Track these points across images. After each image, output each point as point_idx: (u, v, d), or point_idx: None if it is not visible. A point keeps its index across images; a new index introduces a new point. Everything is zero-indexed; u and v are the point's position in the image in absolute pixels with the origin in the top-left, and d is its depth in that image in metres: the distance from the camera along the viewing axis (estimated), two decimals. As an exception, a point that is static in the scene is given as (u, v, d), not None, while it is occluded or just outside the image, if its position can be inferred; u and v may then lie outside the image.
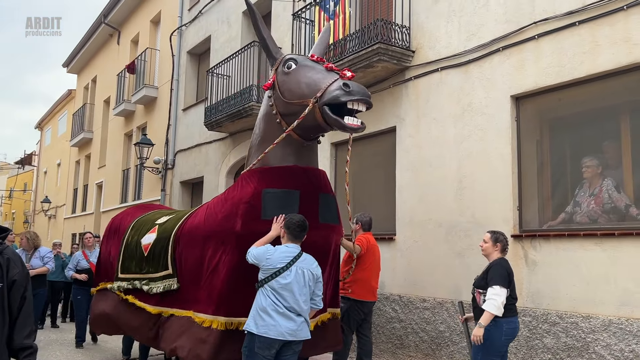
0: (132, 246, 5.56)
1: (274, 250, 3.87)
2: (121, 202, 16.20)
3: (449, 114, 6.28)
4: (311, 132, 4.23)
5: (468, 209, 5.94)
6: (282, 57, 4.45)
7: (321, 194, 4.38)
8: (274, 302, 3.73)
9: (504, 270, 4.22)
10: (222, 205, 4.43)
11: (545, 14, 5.41)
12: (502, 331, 4.14)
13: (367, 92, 3.82)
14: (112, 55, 18.72)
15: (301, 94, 4.03)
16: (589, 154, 5.15)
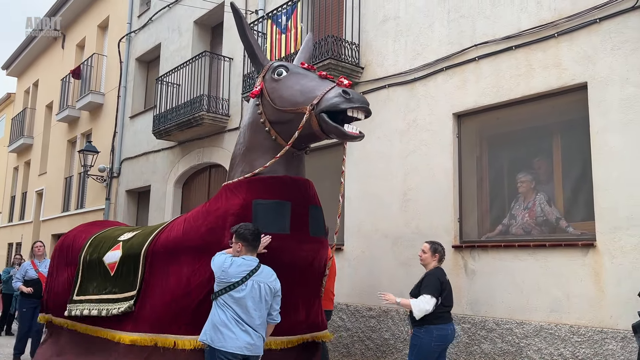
0: (93, 265, 5.06)
1: (230, 263, 3.65)
2: (63, 210, 15.67)
3: (396, 129, 6.54)
4: (304, 141, 4.05)
5: (413, 220, 6.19)
6: (269, 64, 4.31)
7: (311, 206, 4.19)
8: (232, 316, 3.55)
9: (437, 280, 4.45)
10: (205, 217, 4.16)
11: (485, 37, 5.76)
12: (432, 337, 4.34)
13: (367, 101, 3.73)
14: (56, 59, 18.16)
15: (294, 101, 3.87)
16: (524, 170, 5.51)
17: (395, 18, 6.76)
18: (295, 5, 7.46)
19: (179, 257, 4.17)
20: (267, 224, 3.90)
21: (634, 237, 4.47)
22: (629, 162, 4.56)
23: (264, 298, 3.65)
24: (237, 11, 4.50)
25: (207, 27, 11.14)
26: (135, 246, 4.62)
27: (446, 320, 4.44)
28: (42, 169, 18.07)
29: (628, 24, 4.70)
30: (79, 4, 15.93)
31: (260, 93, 4.19)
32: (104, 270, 4.86)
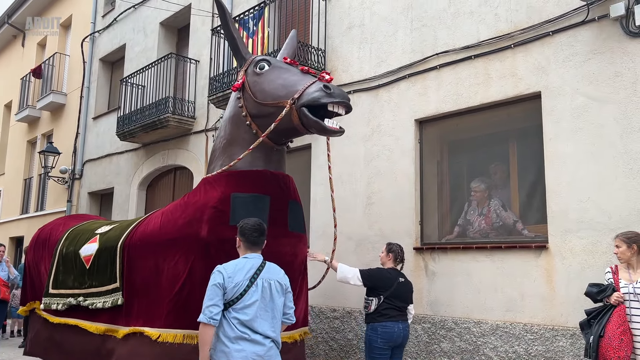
0: (69, 258, 5.00)
1: (233, 268, 3.27)
2: (22, 212, 15.27)
3: (360, 134, 6.68)
4: (284, 135, 4.05)
5: (376, 223, 6.34)
6: (252, 58, 4.28)
7: (290, 201, 4.18)
8: (238, 326, 3.18)
9: (379, 271, 4.82)
10: (183, 210, 4.09)
11: (446, 46, 5.96)
12: (377, 334, 4.55)
13: (347, 96, 3.75)
14: (15, 57, 17.68)
15: (276, 95, 3.85)
16: (478, 178, 5.72)
17: (360, 25, 6.91)
18: (263, 11, 7.54)
19: (156, 250, 4.11)
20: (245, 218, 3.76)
21: (583, 239, 4.71)
22: (579, 167, 4.81)
23: (275, 297, 3.31)
24: (222, 5, 4.46)
25: (173, 29, 11.08)
26: (112, 239, 4.56)
27: (393, 319, 4.61)
28: (0, 170, 17.55)
29: (578, 38, 4.97)
30: (40, 2, 15.58)
31: (241, 86, 4.15)
32: (80, 263, 4.80)
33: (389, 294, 4.63)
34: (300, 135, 4.19)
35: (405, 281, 4.86)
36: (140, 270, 4.22)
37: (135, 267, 4.26)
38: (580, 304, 4.40)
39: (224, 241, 3.78)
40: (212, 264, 3.62)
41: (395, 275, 4.81)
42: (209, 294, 3.18)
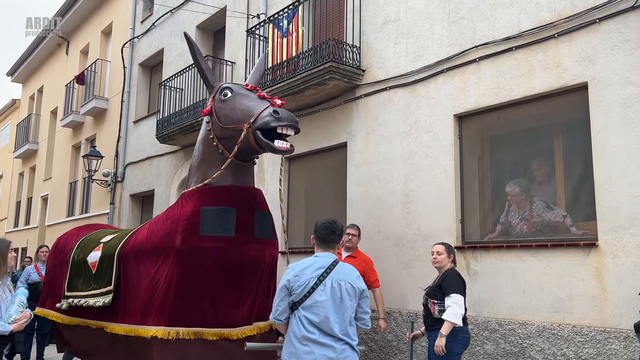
0: (80, 264, 5.58)
1: (300, 265, 3.29)
2: (68, 215, 15.76)
3: (397, 131, 6.55)
4: (247, 154, 4.51)
5: (414, 222, 6.20)
6: (219, 86, 4.77)
7: (257, 211, 4.62)
8: (308, 327, 3.13)
9: (460, 279, 4.42)
10: (164, 222, 4.66)
11: (486, 38, 5.77)
12: (458, 340, 4.27)
13: (294, 119, 4.17)
14: (60, 65, 18.29)
15: (236, 119, 4.36)
16: (525, 170, 5.51)
17: (396, 21, 6.79)
18: (297, 9, 7.50)
19: (144, 257, 4.67)
20: (213, 228, 4.35)
21: (636, 236, 4.46)
22: (630, 161, 4.56)
23: (345, 299, 3.21)
24: (190, 40, 5.08)
25: (209, 32, 11.20)
26: (111, 248, 5.15)
27: (466, 322, 4.43)
28: (47, 174, 18.18)
29: (627, 24, 4.71)
30: (82, 10, 16.06)
31: (210, 112, 4.70)
32: (88, 269, 5.38)
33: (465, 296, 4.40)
34: (260, 154, 4.64)
35: None
36: (132, 275, 4.76)
37: (129, 272, 4.81)
38: (634, 305, 4.17)
39: (195, 249, 4.31)
40: (185, 268, 4.27)
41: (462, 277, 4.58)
42: (276, 294, 3.29)
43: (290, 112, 4.26)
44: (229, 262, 4.37)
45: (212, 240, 4.33)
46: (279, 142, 4.17)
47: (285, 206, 8.19)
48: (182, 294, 4.27)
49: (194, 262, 4.30)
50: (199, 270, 4.32)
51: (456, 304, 4.28)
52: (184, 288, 4.28)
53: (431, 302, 4.52)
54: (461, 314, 4.28)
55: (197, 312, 4.29)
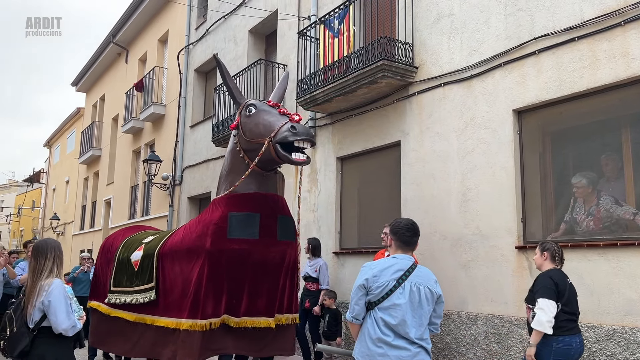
0: (124, 262, 6.07)
1: (378, 265, 3.23)
2: (129, 218, 16.35)
3: (452, 128, 6.40)
4: (268, 164, 4.96)
5: (472, 221, 6.03)
6: (245, 103, 5.23)
7: (280, 216, 5.07)
8: (383, 328, 3.11)
9: (549, 280, 3.97)
10: (196, 226, 5.15)
11: (545, 30, 5.54)
12: (550, 351, 3.89)
13: (310, 133, 4.64)
14: (120, 73, 19.03)
15: (259, 133, 4.81)
16: (590, 166, 5.25)
17: (450, 15, 6.64)
18: (348, 9, 7.47)
19: (179, 257, 5.15)
20: (239, 231, 4.83)
21: None
22: None
23: (424, 303, 3.17)
24: (219, 61, 5.60)
25: (261, 36, 11.35)
26: (152, 248, 5.63)
27: (569, 331, 3.94)
28: (110, 178, 18.95)
29: (703, 7, 4.40)
30: (140, 20, 16.66)
31: (237, 126, 5.17)
32: (131, 267, 5.88)
33: (564, 300, 3.93)
34: (280, 164, 5.04)
35: (571, 283, 4.17)
36: (169, 272, 5.24)
37: (166, 270, 5.29)
38: None
39: (223, 250, 4.81)
40: (214, 267, 4.75)
41: (564, 277, 4.09)
42: (352, 293, 3.23)
43: (306, 127, 4.60)
44: (253, 262, 4.86)
45: (238, 242, 4.81)
46: (296, 154, 4.59)
47: (338, 207, 8.17)
48: (211, 289, 4.76)
49: (222, 262, 4.80)
50: (226, 268, 4.80)
51: (541, 310, 3.89)
52: (213, 284, 4.77)
53: (527, 308, 4.21)
54: (547, 320, 3.87)
55: (224, 305, 4.78)
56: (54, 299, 3.65)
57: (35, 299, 3.69)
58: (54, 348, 3.76)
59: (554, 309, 3.90)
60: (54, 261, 3.79)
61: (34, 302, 3.69)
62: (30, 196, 41.92)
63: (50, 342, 3.75)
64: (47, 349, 3.73)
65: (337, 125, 8.14)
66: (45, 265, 3.76)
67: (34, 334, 3.72)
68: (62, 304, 3.68)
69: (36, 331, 3.72)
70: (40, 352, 3.72)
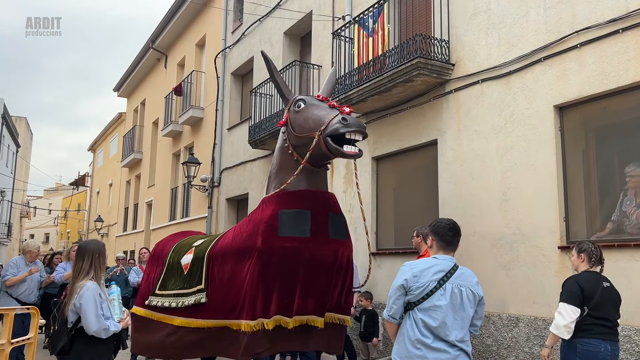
0: (174, 266, 6.04)
1: (418, 265, 3.19)
2: (170, 219, 16.69)
3: (491, 125, 6.27)
4: (319, 160, 4.80)
5: (513, 221, 5.88)
6: (293, 98, 5.09)
7: (331, 213, 4.91)
8: (422, 330, 3.07)
9: (575, 285, 3.86)
10: (247, 225, 5.05)
11: (587, 22, 5.36)
12: (575, 353, 3.80)
13: (362, 124, 4.43)
14: (159, 78, 19.46)
15: (308, 127, 4.66)
16: (634, 162, 5.03)
17: (487, 11, 6.50)
18: (382, 7, 7.42)
19: (231, 257, 5.04)
20: (290, 229, 4.69)
21: None
22: None
23: (466, 305, 3.12)
24: (266, 57, 5.37)
25: (296, 37, 11.41)
26: (202, 250, 5.55)
27: (597, 335, 3.80)
28: (151, 181, 19.40)
29: None
30: (178, 26, 17.00)
31: (285, 123, 5.05)
32: (180, 270, 5.81)
33: (593, 304, 3.82)
34: (331, 159, 4.89)
35: (611, 287, 3.97)
36: (220, 273, 5.15)
37: (217, 271, 5.20)
38: None
39: (274, 249, 4.66)
40: (265, 266, 4.62)
41: (596, 280, 3.94)
42: (391, 292, 3.19)
43: (357, 119, 4.37)
44: (305, 260, 4.71)
45: (289, 240, 4.67)
46: (348, 147, 4.41)
47: (374, 207, 8.12)
48: (263, 288, 4.64)
49: (273, 260, 4.68)
50: (278, 267, 4.67)
51: (559, 314, 3.82)
52: (265, 284, 4.65)
53: None
54: (564, 325, 3.79)
55: (276, 304, 4.65)
56: (84, 302, 3.72)
57: (72, 300, 3.78)
58: (91, 348, 3.83)
59: (573, 315, 3.80)
60: (92, 263, 3.85)
61: (71, 303, 3.79)
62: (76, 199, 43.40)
63: (87, 343, 3.82)
64: (84, 349, 3.82)
65: (373, 124, 8.09)
66: (83, 267, 3.84)
67: (72, 334, 3.82)
68: (92, 307, 3.71)
69: (73, 331, 3.82)
70: (78, 352, 3.82)
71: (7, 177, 30.31)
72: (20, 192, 38.06)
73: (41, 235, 50.99)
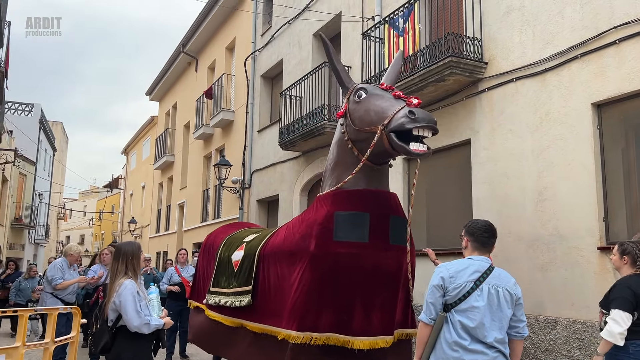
0: (224, 262, 5.77)
1: (453, 266, 3.17)
2: (202, 221, 16.92)
3: (526, 124, 6.16)
4: (380, 157, 4.30)
5: (549, 221, 5.77)
6: (353, 87, 4.57)
7: (392, 217, 4.42)
8: (460, 332, 3.04)
9: (628, 290, 3.74)
10: (299, 226, 4.61)
11: (626, 17, 5.22)
12: (628, 354, 3.71)
13: (432, 119, 3.84)
14: (190, 82, 19.76)
15: (370, 121, 4.16)
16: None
17: (520, 8, 6.39)
18: (413, 7, 7.37)
19: (281, 259, 4.67)
20: (346, 233, 4.23)
21: None
22: None
23: (503, 306, 3.07)
24: (325, 41, 4.88)
25: (325, 39, 11.41)
26: (253, 248, 5.23)
27: None
28: (183, 183, 19.70)
29: None
30: (208, 29, 17.23)
31: (344, 114, 4.54)
32: (231, 267, 5.51)
33: None
34: (395, 156, 4.36)
35: None
36: (269, 276, 4.79)
37: (266, 273, 4.85)
38: None
39: (328, 254, 4.19)
40: (318, 273, 4.16)
41: None
42: (428, 293, 3.14)
43: (427, 112, 3.97)
44: (363, 269, 4.20)
45: (345, 246, 4.20)
46: (415, 144, 3.85)
47: (406, 209, 8.05)
48: (314, 298, 4.18)
49: (327, 267, 4.20)
50: (332, 275, 4.19)
51: (614, 322, 3.69)
52: (316, 293, 4.19)
53: (600, 312, 4.00)
54: (619, 332, 3.67)
55: (329, 318, 4.16)
56: (123, 299, 3.84)
57: (111, 299, 3.94)
58: (131, 347, 3.96)
59: (628, 322, 3.70)
60: (127, 264, 4.01)
61: (110, 302, 3.95)
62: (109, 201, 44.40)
63: (127, 341, 3.95)
64: (124, 347, 3.94)
65: (404, 125, 8.03)
66: (119, 268, 4.01)
67: (113, 332, 3.95)
68: (131, 303, 3.84)
69: (114, 329, 3.94)
70: (118, 350, 3.95)
71: (45, 180, 31.21)
72: (57, 195, 39.14)
73: (76, 236, 52.34)
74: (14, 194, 24.96)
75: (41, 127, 28.12)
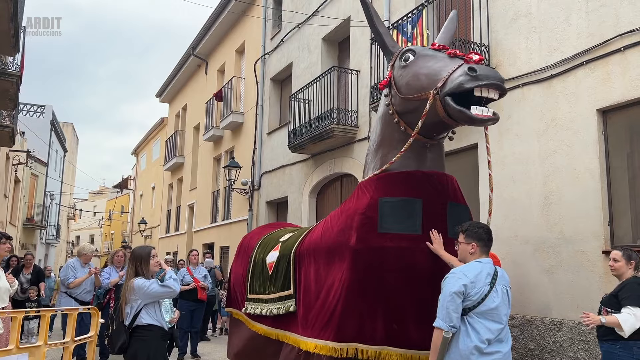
0: (259, 265, 5.20)
1: (470, 271, 3.14)
2: (211, 222, 17.09)
3: (532, 129, 6.26)
4: (434, 130, 3.61)
5: (556, 225, 5.87)
6: (399, 50, 3.91)
7: (450, 204, 3.77)
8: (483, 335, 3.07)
9: None
10: (338, 218, 3.97)
11: (631, 25, 5.31)
12: (632, 354, 3.80)
13: (498, 76, 3.18)
14: (200, 84, 19.95)
15: (419, 86, 3.45)
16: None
17: (527, 15, 6.50)
18: (421, 13, 7.49)
19: (318, 258, 4.06)
20: (394, 224, 3.56)
21: None
22: None
23: (509, 304, 3.25)
24: (364, 1, 4.19)
25: (334, 43, 11.56)
26: (288, 247, 4.64)
27: None
28: (192, 184, 19.90)
29: None
30: (218, 32, 17.41)
31: (388, 83, 3.84)
32: (265, 270, 4.90)
33: None
34: (452, 128, 3.68)
35: None
36: (306, 277, 4.16)
37: (303, 274, 4.22)
38: None
39: (372, 249, 3.56)
40: (360, 273, 3.50)
41: None
42: (447, 301, 3.05)
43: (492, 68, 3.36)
44: (415, 267, 3.54)
45: (393, 238, 3.55)
46: (477, 108, 3.15)
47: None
48: (357, 304, 3.55)
49: (371, 265, 3.55)
50: (378, 275, 3.55)
51: (635, 317, 3.75)
52: (359, 297, 3.56)
53: (604, 310, 4.09)
54: (634, 327, 3.76)
55: (374, 327, 3.54)
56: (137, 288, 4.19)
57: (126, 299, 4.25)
58: (146, 346, 4.17)
59: None
60: (136, 268, 4.39)
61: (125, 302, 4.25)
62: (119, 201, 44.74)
63: (143, 341, 4.16)
64: (140, 346, 4.16)
65: (412, 129, 8.15)
66: (130, 271, 4.41)
67: (129, 332, 4.17)
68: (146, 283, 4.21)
69: (130, 329, 4.14)
70: (134, 350, 4.16)
71: (56, 181, 31.56)
72: (67, 195, 39.53)
73: (86, 236, 52.78)
74: (26, 194, 25.28)
75: (52, 128, 28.44)
